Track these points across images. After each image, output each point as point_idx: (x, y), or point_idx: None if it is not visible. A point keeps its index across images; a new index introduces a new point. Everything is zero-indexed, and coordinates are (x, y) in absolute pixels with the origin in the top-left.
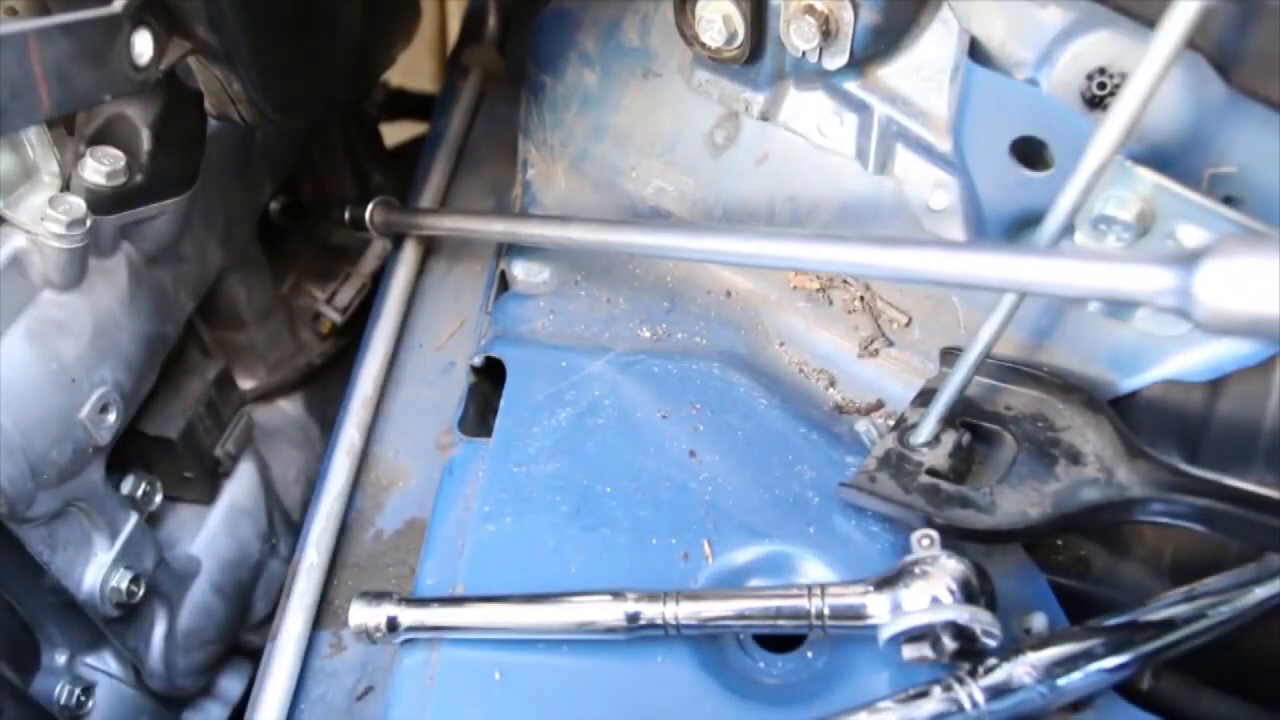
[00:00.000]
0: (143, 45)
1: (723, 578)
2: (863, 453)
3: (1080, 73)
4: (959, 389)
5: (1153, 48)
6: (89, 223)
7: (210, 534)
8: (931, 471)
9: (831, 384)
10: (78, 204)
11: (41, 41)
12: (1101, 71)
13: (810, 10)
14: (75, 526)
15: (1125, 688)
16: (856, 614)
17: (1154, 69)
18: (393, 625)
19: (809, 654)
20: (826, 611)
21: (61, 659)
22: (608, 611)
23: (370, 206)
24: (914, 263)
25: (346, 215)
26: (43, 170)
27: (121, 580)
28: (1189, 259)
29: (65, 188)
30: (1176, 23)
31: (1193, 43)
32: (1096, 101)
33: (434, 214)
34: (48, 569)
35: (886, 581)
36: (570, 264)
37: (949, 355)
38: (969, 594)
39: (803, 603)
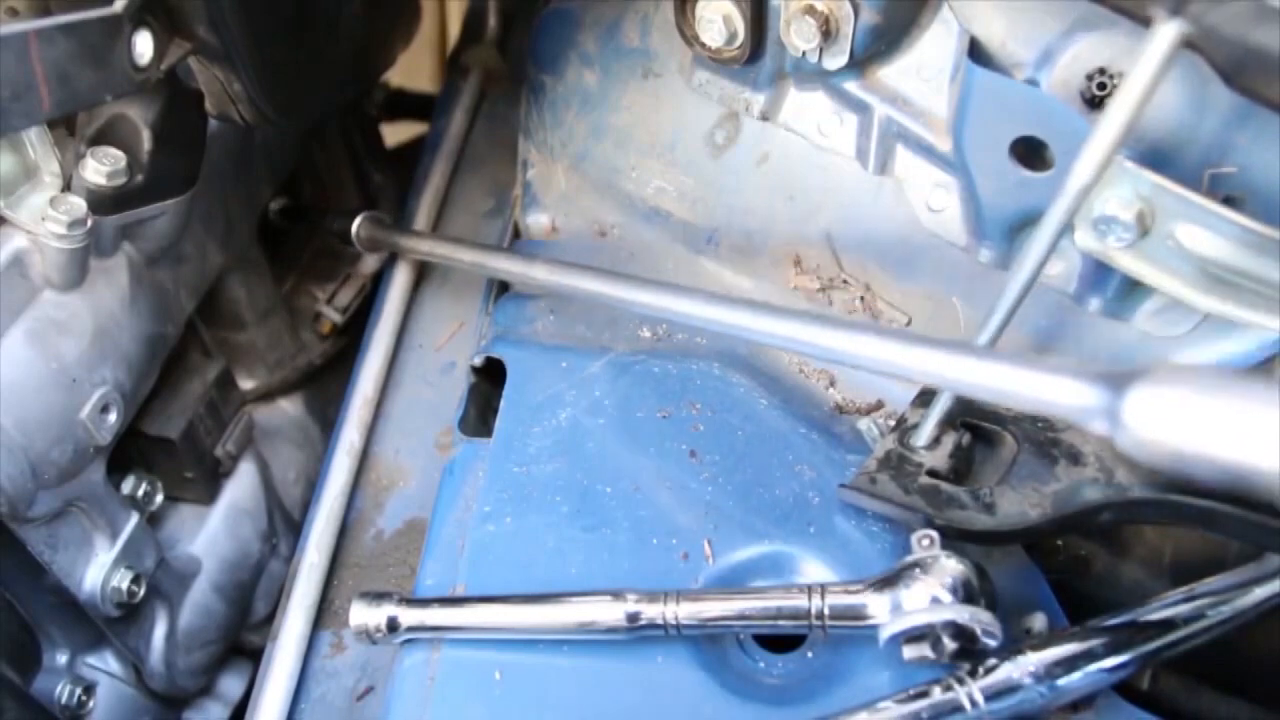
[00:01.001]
0: (143, 45)
1: (723, 578)
2: (863, 452)
3: (1080, 73)
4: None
5: (1148, 48)
6: (90, 223)
7: (211, 534)
8: (932, 472)
9: (831, 384)
10: (78, 204)
11: (42, 42)
12: (1101, 71)
13: (810, 10)
14: (76, 526)
15: (1125, 688)
16: (856, 614)
17: (1149, 70)
18: (393, 625)
19: (809, 654)
20: (826, 611)
21: (62, 659)
22: (608, 611)
23: (357, 221)
24: (848, 345)
25: (334, 226)
26: (43, 170)
27: (122, 580)
28: (1120, 381)
29: (66, 188)
30: (1163, 37)
31: (1192, 43)
32: (1096, 101)
33: (414, 236)
34: (49, 569)
35: (886, 581)
36: None
37: None
38: (969, 594)
39: (803, 603)
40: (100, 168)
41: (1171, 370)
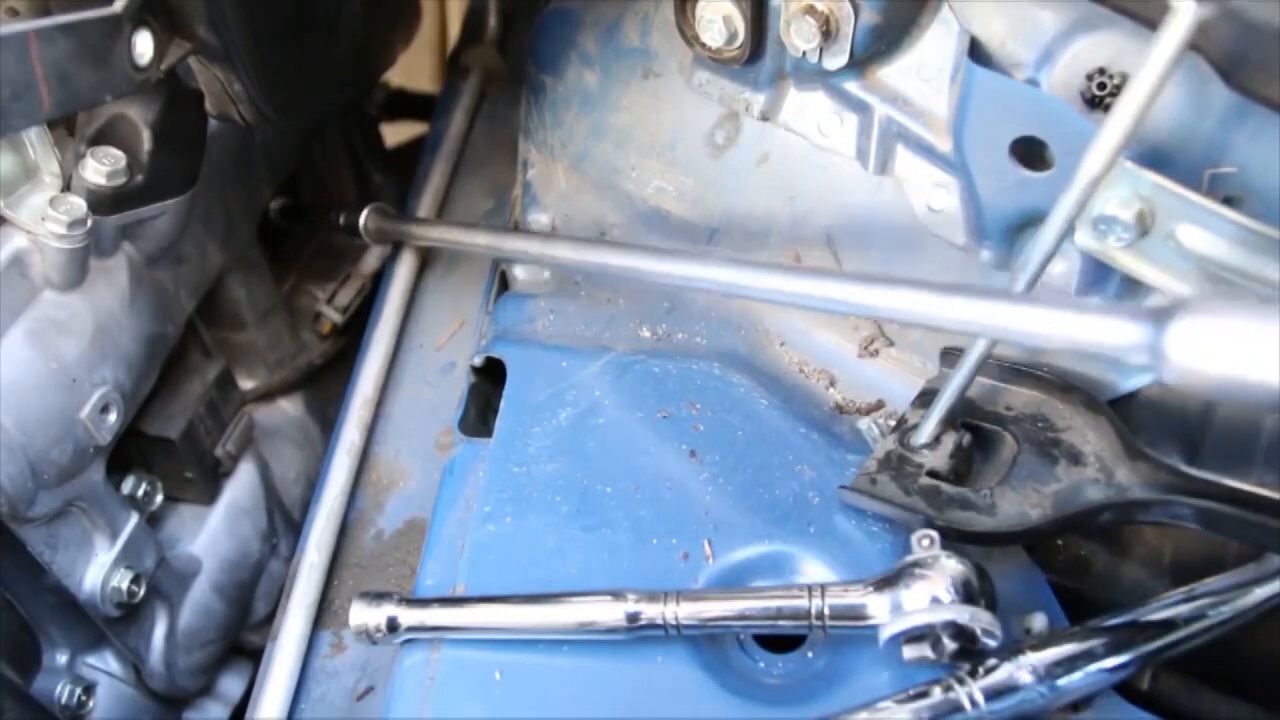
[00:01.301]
0: (143, 45)
1: (723, 578)
2: (863, 451)
3: (1080, 73)
4: (959, 390)
5: (1154, 50)
6: (90, 223)
7: (211, 534)
8: (932, 473)
9: (831, 384)
10: (78, 204)
11: (42, 42)
12: (1101, 71)
13: (810, 10)
14: (76, 526)
15: (1125, 688)
16: (856, 614)
17: (1156, 71)
18: (393, 625)
19: (809, 654)
20: (826, 611)
21: (62, 659)
22: (608, 611)
23: (364, 213)
24: (885, 300)
25: (341, 220)
26: (43, 170)
27: (122, 580)
28: (1161, 315)
29: (66, 188)
30: (1178, 25)
31: (1193, 44)
32: (1096, 101)
33: (426, 224)
34: (48, 569)
35: (886, 581)
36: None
37: (949, 355)
38: (969, 594)
39: (803, 603)
40: (100, 168)
41: (1208, 299)
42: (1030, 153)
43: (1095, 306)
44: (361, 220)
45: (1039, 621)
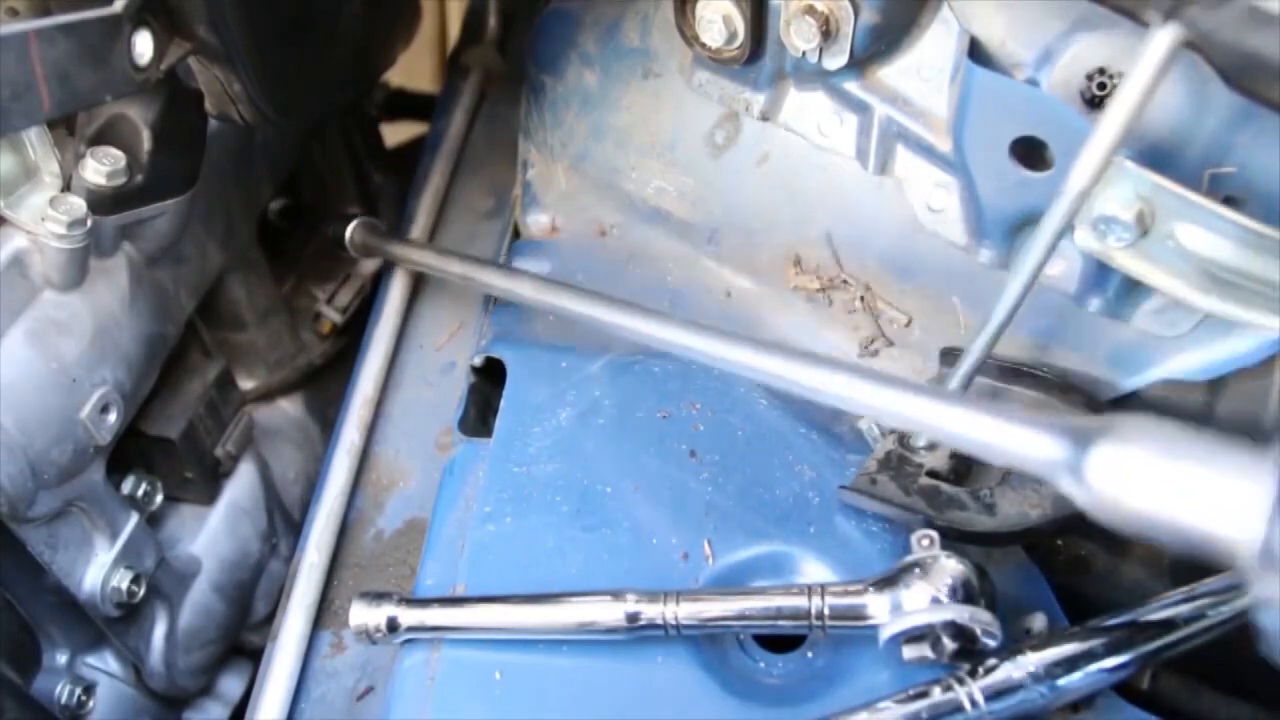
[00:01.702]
0: (143, 45)
1: (723, 578)
2: (863, 452)
3: (1080, 73)
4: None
5: (1145, 52)
6: (89, 223)
7: (211, 534)
8: (932, 473)
9: None
10: (78, 204)
11: (42, 42)
12: (1101, 71)
13: (810, 10)
14: (76, 526)
15: (1125, 688)
16: (856, 614)
17: (1147, 73)
18: (393, 625)
19: (809, 654)
20: (826, 611)
21: (62, 659)
22: (608, 611)
23: (350, 227)
24: (819, 382)
25: (330, 232)
26: (43, 170)
27: (122, 580)
28: (1085, 436)
29: (66, 188)
30: (1160, 41)
31: (1192, 44)
32: (1096, 101)
33: (406, 245)
34: (48, 569)
35: (886, 581)
36: (571, 264)
37: (949, 355)
38: (969, 594)
39: (803, 603)
40: (100, 168)
41: (1135, 426)
42: (1030, 153)
43: (1021, 417)
44: (348, 234)
45: (1039, 621)
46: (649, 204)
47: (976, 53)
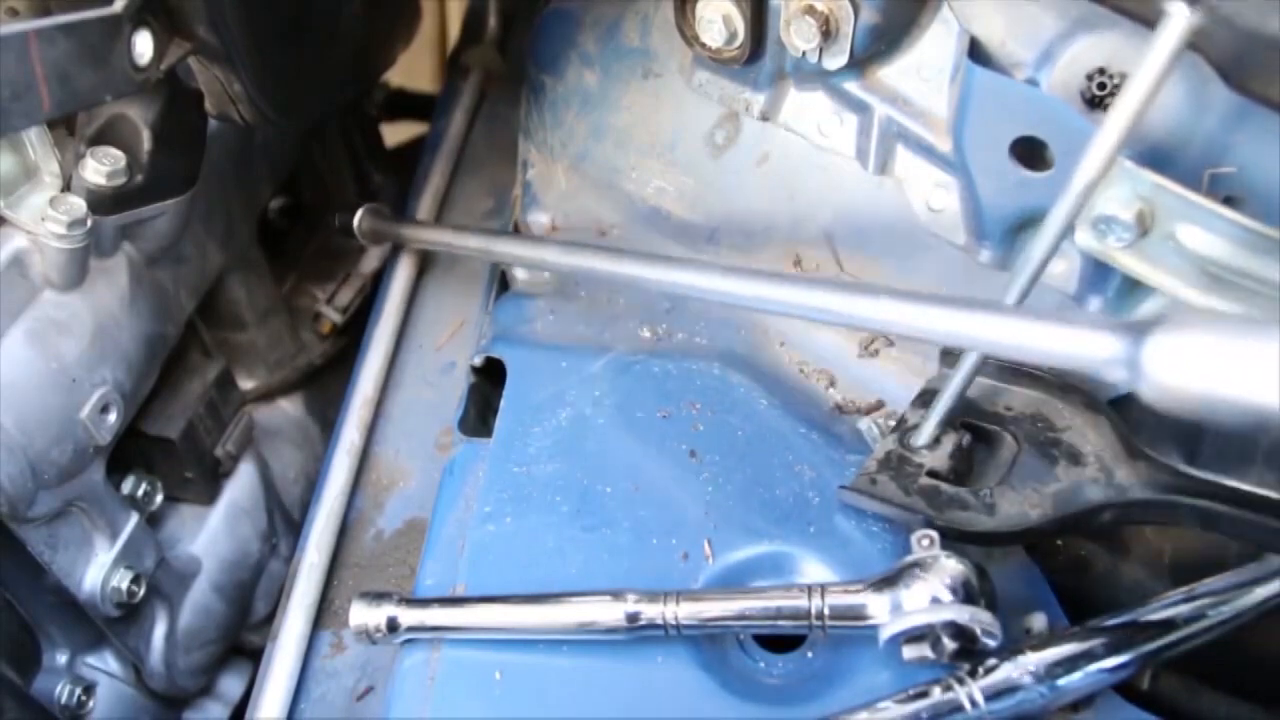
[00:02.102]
0: (143, 45)
1: (723, 578)
2: (863, 451)
3: (1080, 73)
4: (959, 390)
5: (1152, 50)
6: (89, 223)
7: (211, 534)
8: (932, 473)
9: (831, 384)
10: (78, 204)
11: (42, 42)
12: (1101, 71)
13: (810, 10)
14: (76, 526)
15: (1125, 688)
16: (856, 614)
17: (1153, 71)
18: (393, 625)
19: (809, 654)
20: (826, 611)
21: (62, 659)
22: (608, 611)
23: (359, 214)
24: (864, 309)
25: (337, 221)
26: (43, 170)
27: (122, 580)
28: (1139, 330)
29: (66, 188)
30: (1175, 24)
31: (1193, 44)
32: (1096, 101)
33: (420, 226)
34: (48, 569)
35: (886, 581)
36: None
37: (949, 355)
38: (969, 594)
39: (803, 603)
40: (100, 168)
41: (1189, 316)
42: (1030, 153)
43: (1074, 319)
44: (356, 221)
45: (1039, 621)
46: (649, 204)
47: (976, 53)
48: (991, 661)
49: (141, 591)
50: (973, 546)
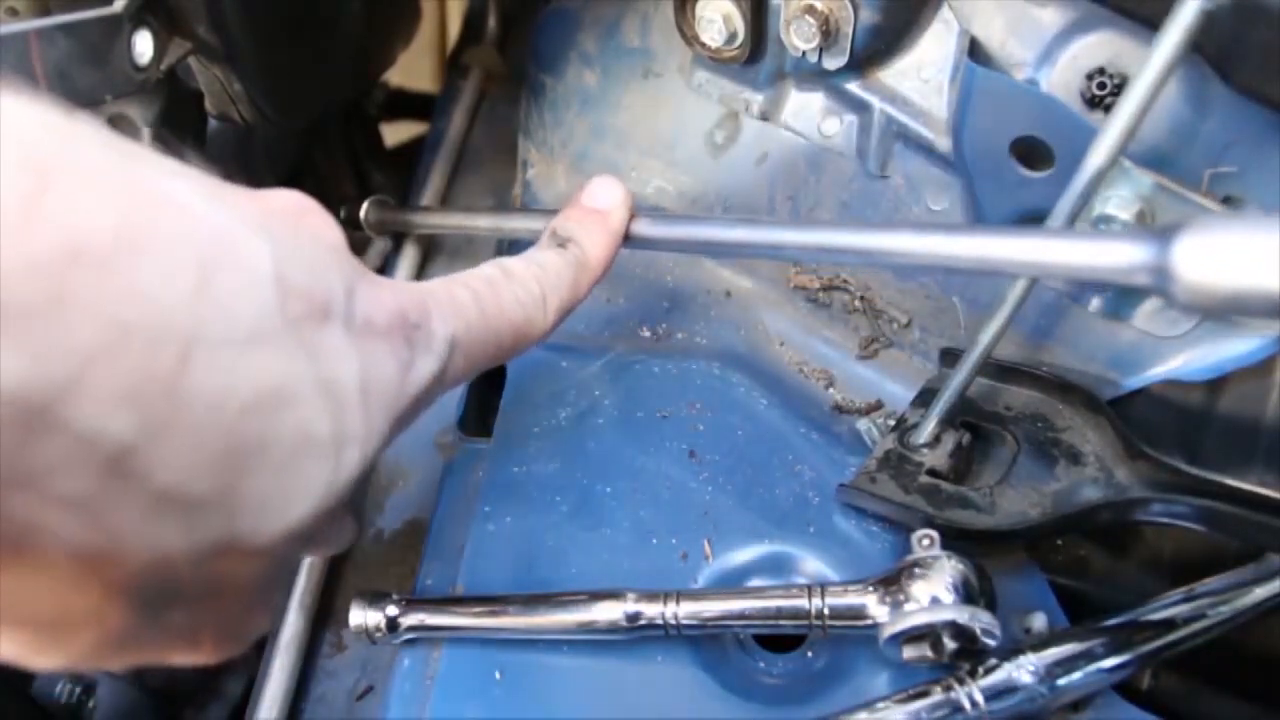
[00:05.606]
0: (143, 45)
1: (723, 578)
2: (863, 452)
3: (1080, 73)
4: (959, 389)
5: (1156, 51)
6: None
7: None
8: (932, 472)
9: (831, 384)
10: None
11: (42, 42)
12: (1101, 71)
13: (810, 10)
14: None
15: (1125, 688)
16: (856, 614)
17: (1156, 71)
18: (393, 625)
19: (809, 654)
20: (826, 611)
21: None
22: (608, 611)
23: (365, 205)
24: (880, 243)
25: (342, 214)
26: None
27: None
28: (1165, 234)
29: None
30: (1179, 25)
31: (1193, 44)
32: (1096, 101)
33: (427, 211)
34: None
35: (886, 581)
36: None
37: (949, 355)
38: (969, 594)
39: (803, 603)
40: None
41: (1214, 216)
42: (1030, 153)
43: (1095, 233)
44: (362, 212)
45: (1039, 621)
46: (649, 203)
47: (976, 53)
48: (991, 661)
49: None
50: (973, 546)
